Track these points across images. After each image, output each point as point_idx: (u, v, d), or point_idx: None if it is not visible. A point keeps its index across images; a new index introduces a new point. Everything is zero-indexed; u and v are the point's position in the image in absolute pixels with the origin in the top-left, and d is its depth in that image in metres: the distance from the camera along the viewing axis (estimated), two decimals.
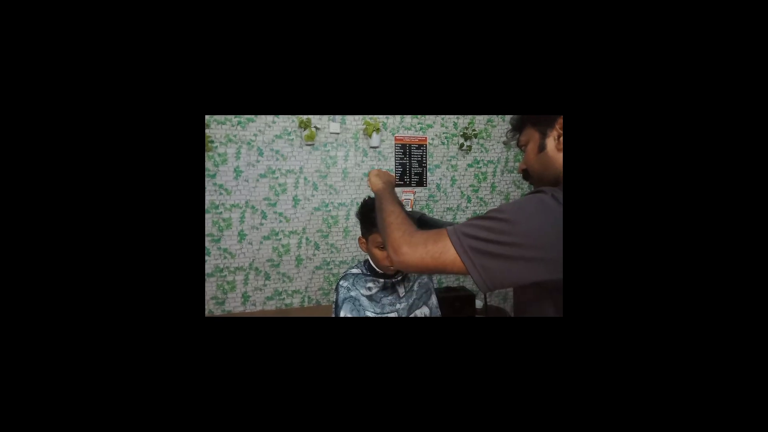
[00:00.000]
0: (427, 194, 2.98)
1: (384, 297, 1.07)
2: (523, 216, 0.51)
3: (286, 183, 2.68)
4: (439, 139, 3.00)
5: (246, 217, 2.60)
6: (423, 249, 0.57)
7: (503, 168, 3.22)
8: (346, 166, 2.81)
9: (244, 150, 2.58)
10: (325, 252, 2.80)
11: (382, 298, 1.07)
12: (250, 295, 2.62)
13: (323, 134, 2.74)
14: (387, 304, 1.08)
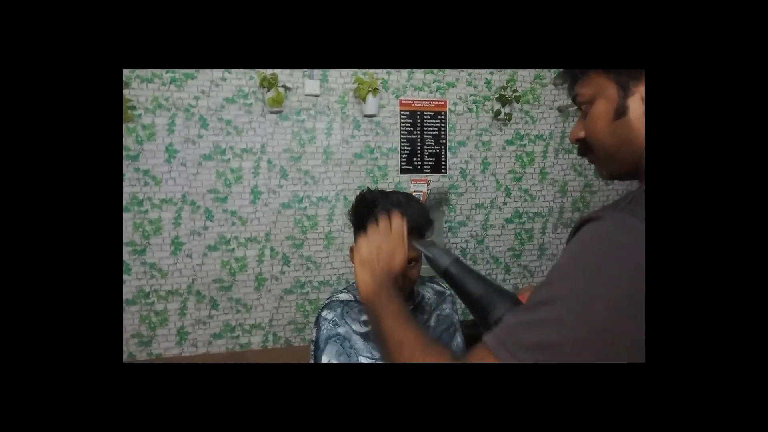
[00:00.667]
0: (448, 184, 3.00)
1: None
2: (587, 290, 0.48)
3: (241, 168, 2.70)
4: (465, 104, 3.01)
5: (183, 217, 2.63)
6: None
7: (558, 146, 3.26)
8: (329, 143, 2.84)
9: (180, 120, 2.58)
10: (298, 268, 2.82)
11: None
12: (189, 332, 2.64)
13: (296, 97, 2.76)
14: None
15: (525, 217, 3.08)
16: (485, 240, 3.02)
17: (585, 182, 3.17)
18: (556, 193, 3.13)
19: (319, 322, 1.07)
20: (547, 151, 3.10)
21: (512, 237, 3.07)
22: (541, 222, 3.11)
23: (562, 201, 3.14)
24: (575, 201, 3.16)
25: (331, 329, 1.04)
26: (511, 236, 3.06)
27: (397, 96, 2.82)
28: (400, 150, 2.84)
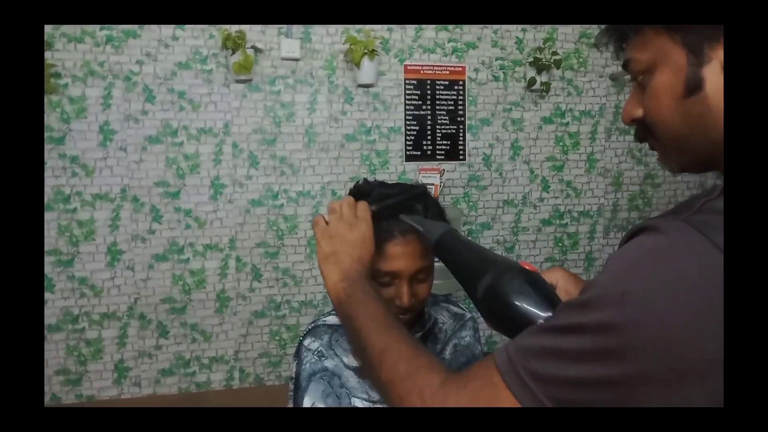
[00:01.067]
0: (467, 175, 3.04)
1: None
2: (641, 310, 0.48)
3: (198, 154, 2.71)
4: (489, 70, 3.04)
5: (123, 218, 2.63)
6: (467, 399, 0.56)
7: (611, 126, 3.30)
8: (312, 121, 2.86)
9: (119, 91, 2.59)
10: (272, 284, 2.85)
11: None
12: (130, 367, 2.65)
13: (269, 61, 2.79)
14: None
15: (567, 217, 3.08)
16: (516, 247, 3.02)
17: (646, 172, 3.17)
18: (608, 187, 3.13)
19: (300, 354, 1.07)
20: (597, 132, 3.10)
21: (551, 244, 3.07)
22: (588, 224, 3.11)
23: (615, 197, 3.14)
24: (633, 197, 3.16)
25: (315, 363, 1.03)
26: (549, 243, 3.06)
27: (401, 60, 2.82)
28: (405, 130, 2.84)
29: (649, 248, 0.51)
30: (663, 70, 0.58)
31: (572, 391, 0.51)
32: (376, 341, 0.68)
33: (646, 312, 0.48)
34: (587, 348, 0.50)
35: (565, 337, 0.52)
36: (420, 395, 0.60)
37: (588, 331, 0.51)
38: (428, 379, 0.61)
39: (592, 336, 0.50)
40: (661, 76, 0.58)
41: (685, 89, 0.56)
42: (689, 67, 0.56)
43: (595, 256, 3.14)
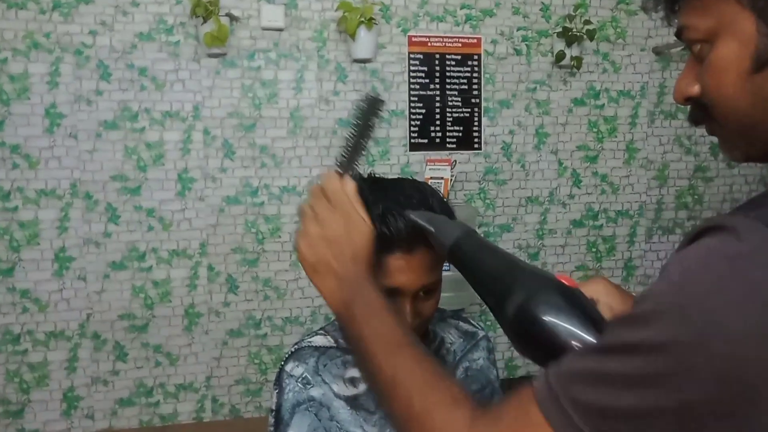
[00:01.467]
0: (483, 167, 3.02)
1: None
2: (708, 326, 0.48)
3: (162, 142, 2.70)
4: (510, 42, 3.02)
5: (73, 218, 2.61)
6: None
7: (655, 108, 3.26)
8: (299, 103, 2.83)
9: (69, 67, 2.57)
10: (251, 297, 2.82)
11: None
12: (81, 396, 2.64)
13: (247, 32, 2.76)
14: None
15: (603, 217, 3.07)
16: (541, 253, 3.02)
17: (696, 164, 3.16)
18: (651, 181, 3.12)
19: (281, 381, 1.07)
20: (637, 116, 3.10)
21: (583, 249, 3.06)
22: (627, 225, 3.11)
23: (660, 193, 3.14)
24: (681, 193, 3.16)
25: (300, 391, 1.03)
26: (580, 248, 3.06)
27: (404, 31, 2.81)
28: (409, 114, 2.83)
29: (717, 252, 0.50)
30: (726, 39, 0.57)
31: (624, 424, 0.51)
32: (385, 366, 0.67)
33: (712, 328, 0.47)
34: (641, 371, 0.50)
35: (615, 359, 0.52)
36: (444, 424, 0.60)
37: (642, 351, 0.50)
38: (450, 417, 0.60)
39: (647, 356, 0.50)
40: (724, 47, 0.58)
41: (754, 63, 0.56)
42: (760, 37, 0.55)
43: (636, 264, 3.13)
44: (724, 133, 0.63)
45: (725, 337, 0.47)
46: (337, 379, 1.05)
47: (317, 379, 1.04)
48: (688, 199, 3.16)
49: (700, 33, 0.59)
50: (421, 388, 0.63)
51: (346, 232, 0.79)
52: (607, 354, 0.53)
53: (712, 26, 0.58)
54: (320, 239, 0.79)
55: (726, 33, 0.57)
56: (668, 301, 0.51)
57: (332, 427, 1.01)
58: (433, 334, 1.16)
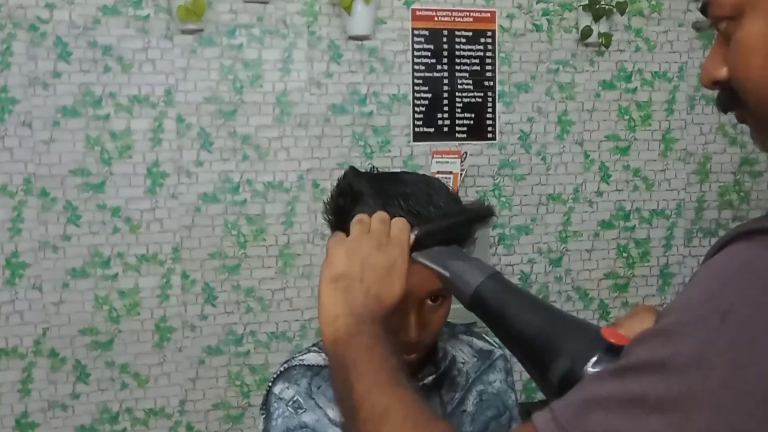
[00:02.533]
0: (498, 160, 3.03)
1: None
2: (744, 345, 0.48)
3: (130, 131, 2.69)
4: (528, 16, 3.04)
5: (26, 218, 2.62)
6: None
7: (695, 93, 3.26)
8: (287, 87, 2.84)
9: (22, 45, 2.57)
10: (231, 310, 2.84)
11: None
12: (37, 423, 2.63)
13: (226, 4, 2.74)
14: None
15: (635, 217, 3.08)
16: (564, 259, 3.03)
17: (742, 156, 3.17)
18: (691, 176, 3.13)
19: (269, 405, 1.07)
20: (675, 101, 3.11)
21: (612, 254, 3.07)
22: (663, 227, 3.12)
23: (701, 190, 3.15)
24: (725, 190, 3.17)
25: (291, 417, 1.04)
26: (610, 252, 3.07)
27: (407, 4, 2.82)
28: (413, 99, 2.84)
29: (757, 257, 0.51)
30: (753, 16, 0.59)
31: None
32: (377, 399, 0.67)
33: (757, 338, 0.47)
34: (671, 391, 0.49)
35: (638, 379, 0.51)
36: None
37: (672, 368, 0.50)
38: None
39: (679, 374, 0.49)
40: (750, 25, 0.59)
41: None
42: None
43: (673, 271, 3.14)
44: (754, 121, 0.64)
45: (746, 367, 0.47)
46: (332, 403, 1.05)
47: (310, 403, 1.04)
48: (733, 197, 3.17)
49: (726, 9, 0.61)
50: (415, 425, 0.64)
51: (386, 273, 0.80)
52: (625, 375, 0.53)
53: (738, 2, 0.60)
54: (360, 258, 0.79)
55: (753, 9, 0.59)
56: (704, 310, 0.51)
57: None
58: (443, 352, 1.15)
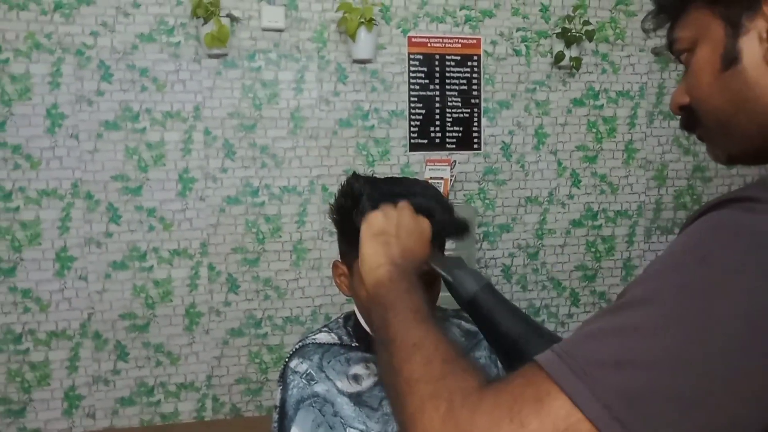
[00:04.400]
0: (483, 167, 3.03)
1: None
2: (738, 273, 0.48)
3: (164, 142, 2.72)
4: (509, 43, 3.03)
5: (74, 218, 2.63)
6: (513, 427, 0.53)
7: (654, 109, 3.25)
8: (299, 104, 2.85)
9: (70, 68, 2.58)
10: (251, 297, 2.84)
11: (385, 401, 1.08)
12: (83, 395, 2.66)
13: (248, 32, 2.78)
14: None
15: (602, 217, 3.08)
16: (540, 253, 3.03)
17: (695, 164, 3.17)
18: (650, 181, 3.13)
19: (286, 377, 1.07)
20: (636, 117, 3.11)
21: (582, 249, 3.07)
22: (626, 226, 3.12)
23: (659, 193, 3.14)
24: (680, 193, 3.16)
25: (304, 387, 1.04)
26: (580, 247, 3.07)
27: (404, 31, 2.82)
28: (409, 114, 2.84)
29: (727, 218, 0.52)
30: (703, 45, 0.63)
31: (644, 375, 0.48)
32: (411, 334, 0.68)
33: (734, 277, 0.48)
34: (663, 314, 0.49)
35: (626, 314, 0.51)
36: (449, 401, 0.58)
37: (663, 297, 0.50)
38: (462, 382, 0.59)
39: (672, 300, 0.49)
40: (700, 52, 0.64)
41: (722, 63, 0.61)
42: (727, 39, 0.61)
43: (635, 264, 3.14)
44: (708, 134, 0.67)
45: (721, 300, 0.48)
46: (340, 375, 1.05)
47: (321, 376, 1.05)
48: (686, 199, 3.17)
49: (685, 43, 0.66)
50: (443, 357, 0.64)
51: (417, 233, 0.85)
52: (617, 312, 0.52)
53: (693, 36, 0.65)
54: (398, 222, 0.85)
55: (703, 40, 0.63)
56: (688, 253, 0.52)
57: (336, 423, 1.01)
58: None
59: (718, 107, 0.63)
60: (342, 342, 1.11)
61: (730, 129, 0.63)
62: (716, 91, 0.63)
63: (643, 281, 0.53)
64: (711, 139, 0.67)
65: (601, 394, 0.48)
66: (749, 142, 0.63)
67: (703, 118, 0.66)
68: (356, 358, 1.09)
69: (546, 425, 0.51)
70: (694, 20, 0.64)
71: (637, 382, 0.48)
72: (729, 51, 0.61)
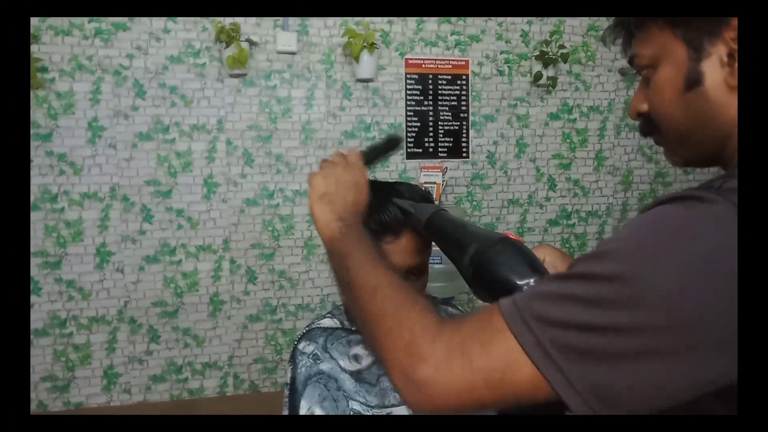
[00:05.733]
0: (471, 173, 3.04)
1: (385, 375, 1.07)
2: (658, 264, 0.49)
3: (191, 151, 2.72)
4: (494, 64, 3.04)
5: (112, 218, 2.63)
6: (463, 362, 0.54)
7: (620, 122, 3.26)
8: (310, 117, 2.86)
9: (109, 86, 2.59)
10: (268, 287, 2.84)
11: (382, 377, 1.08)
12: (120, 373, 2.66)
13: (264, 55, 2.79)
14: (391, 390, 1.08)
15: (575, 217, 3.08)
16: None
17: (656, 170, 3.17)
18: (618, 185, 3.13)
19: (295, 358, 1.08)
20: (605, 129, 3.11)
21: (558, 244, 3.07)
22: (596, 224, 3.12)
23: (625, 196, 3.14)
24: (643, 195, 3.16)
25: (311, 366, 1.04)
26: (556, 243, 3.07)
27: (401, 54, 2.82)
28: (405, 127, 2.84)
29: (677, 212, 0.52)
30: (665, 65, 0.62)
31: (578, 336, 0.51)
32: (370, 277, 0.68)
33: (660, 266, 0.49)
34: (598, 294, 0.51)
35: (575, 284, 0.53)
36: (411, 330, 0.59)
37: (599, 279, 0.51)
38: (423, 317, 0.60)
39: (603, 283, 0.51)
40: (663, 71, 0.62)
41: (685, 83, 0.60)
42: (689, 62, 0.60)
43: None
44: (666, 142, 0.66)
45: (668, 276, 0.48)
46: (343, 355, 1.06)
47: (326, 356, 1.05)
48: (649, 202, 3.16)
49: (646, 60, 0.64)
50: (403, 294, 0.64)
51: (354, 185, 0.84)
52: (569, 280, 0.54)
53: (655, 54, 0.63)
54: (334, 179, 0.83)
55: (665, 59, 0.62)
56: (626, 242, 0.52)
57: (339, 397, 1.02)
58: None
59: (680, 122, 0.62)
60: (344, 326, 1.12)
61: (689, 141, 0.63)
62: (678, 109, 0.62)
63: (594, 257, 0.54)
64: (668, 147, 0.67)
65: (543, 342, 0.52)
66: (703, 151, 0.63)
67: (663, 129, 0.65)
68: (356, 340, 1.10)
69: (492, 362, 0.54)
70: (655, 38, 0.63)
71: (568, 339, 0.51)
72: (692, 73, 0.60)
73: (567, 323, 0.51)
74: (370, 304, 0.65)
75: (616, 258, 0.52)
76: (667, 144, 0.66)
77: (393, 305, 0.63)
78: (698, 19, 0.58)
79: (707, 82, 0.59)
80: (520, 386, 0.53)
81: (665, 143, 0.66)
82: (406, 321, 0.60)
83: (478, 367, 0.54)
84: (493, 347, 0.54)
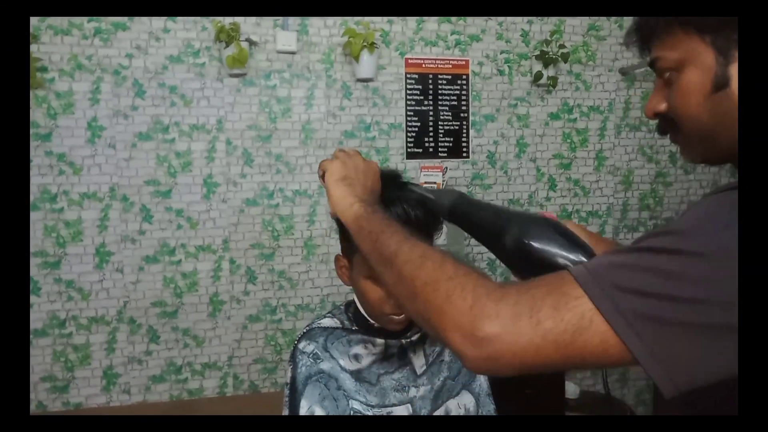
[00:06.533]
0: (471, 173, 3.04)
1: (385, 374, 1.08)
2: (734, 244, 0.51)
3: (190, 151, 2.71)
4: (494, 64, 3.03)
5: (111, 218, 2.62)
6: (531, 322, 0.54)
7: (621, 122, 3.27)
8: (309, 117, 2.85)
9: (108, 86, 2.58)
10: (267, 287, 2.83)
11: (382, 377, 1.08)
12: (119, 374, 2.66)
13: (264, 55, 2.77)
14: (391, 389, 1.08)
15: (575, 217, 3.08)
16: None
17: (657, 170, 3.17)
18: (618, 185, 3.13)
19: (295, 357, 1.08)
20: (606, 129, 3.10)
21: None
22: (597, 224, 3.12)
23: (625, 196, 3.14)
24: (644, 196, 3.16)
25: (311, 366, 1.05)
26: None
27: (401, 54, 2.82)
28: (405, 127, 2.84)
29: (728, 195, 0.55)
30: (692, 68, 0.64)
31: (657, 306, 0.52)
32: (414, 248, 0.68)
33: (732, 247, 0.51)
34: (680, 268, 0.52)
35: (653, 257, 0.55)
36: (473, 292, 0.59)
37: (684, 254, 0.53)
38: (484, 281, 0.61)
39: (688, 259, 0.52)
40: (690, 75, 0.64)
41: (713, 86, 0.63)
42: (718, 66, 0.62)
43: None
44: (685, 141, 0.69)
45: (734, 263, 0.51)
46: (343, 355, 1.06)
47: (326, 355, 1.05)
48: (649, 201, 3.17)
49: (671, 63, 0.66)
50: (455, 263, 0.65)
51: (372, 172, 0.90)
52: (651, 252, 0.55)
53: (681, 58, 0.65)
54: (353, 164, 0.87)
55: (692, 63, 0.64)
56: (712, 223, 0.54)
57: (339, 396, 1.02)
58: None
59: (705, 124, 0.64)
60: (344, 326, 1.12)
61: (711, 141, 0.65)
62: (705, 111, 0.64)
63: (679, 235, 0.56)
64: (688, 144, 0.69)
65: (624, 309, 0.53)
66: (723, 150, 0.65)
67: (684, 128, 0.67)
68: (356, 339, 1.10)
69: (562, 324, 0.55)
70: (681, 43, 0.64)
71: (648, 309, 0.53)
72: (720, 76, 0.62)
73: (647, 293, 0.53)
74: (420, 271, 0.65)
75: (694, 236, 0.54)
76: (688, 142, 0.69)
77: (449, 271, 0.63)
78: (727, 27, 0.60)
79: (733, 85, 0.61)
80: (588, 349, 0.54)
81: (685, 142, 0.69)
82: (468, 284, 0.60)
83: (548, 328, 0.55)
84: (565, 310, 0.55)
